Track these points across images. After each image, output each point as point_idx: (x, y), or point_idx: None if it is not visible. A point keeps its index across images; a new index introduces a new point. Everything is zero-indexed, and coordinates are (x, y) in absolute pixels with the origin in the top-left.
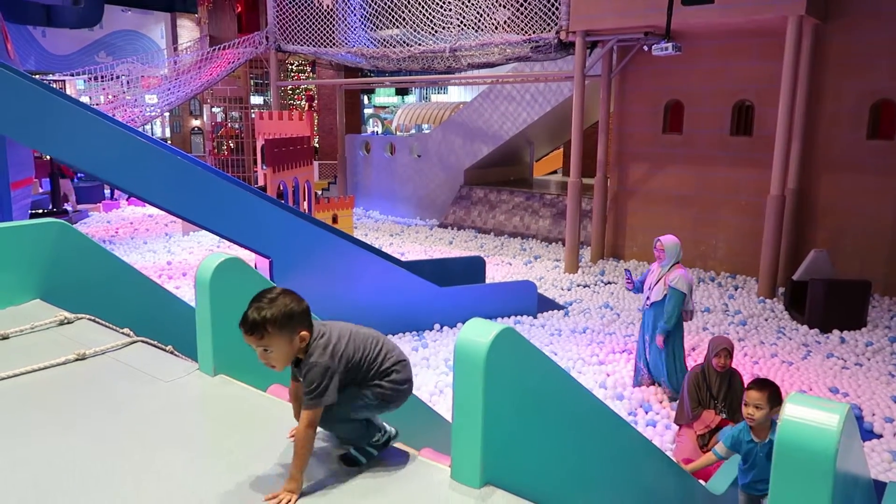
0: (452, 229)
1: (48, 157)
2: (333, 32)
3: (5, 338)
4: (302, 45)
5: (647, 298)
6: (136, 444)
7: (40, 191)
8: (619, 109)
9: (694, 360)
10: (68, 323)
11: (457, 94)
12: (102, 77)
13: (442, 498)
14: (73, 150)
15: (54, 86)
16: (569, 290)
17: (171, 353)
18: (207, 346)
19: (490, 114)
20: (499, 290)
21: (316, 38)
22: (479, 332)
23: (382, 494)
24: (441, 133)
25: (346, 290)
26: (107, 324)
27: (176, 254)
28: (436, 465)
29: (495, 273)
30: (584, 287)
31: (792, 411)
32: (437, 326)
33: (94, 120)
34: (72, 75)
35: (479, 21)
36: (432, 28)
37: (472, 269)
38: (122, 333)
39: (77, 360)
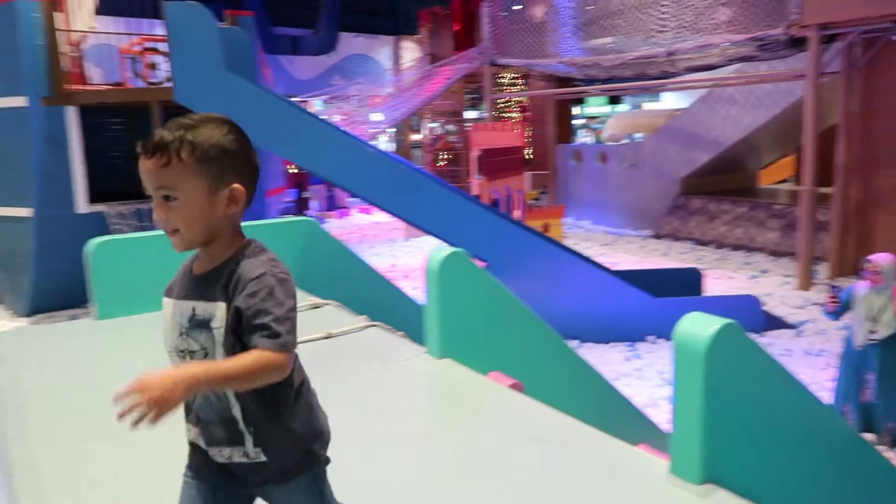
0: (667, 240)
1: (295, 170)
2: (545, 44)
3: None
4: (514, 58)
5: (872, 333)
6: (368, 412)
7: (285, 201)
8: (864, 108)
9: None
10: (318, 308)
11: (672, 100)
12: (337, 97)
13: (660, 491)
14: (319, 161)
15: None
16: (801, 308)
17: (403, 337)
18: (435, 331)
19: (709, 119)
20: (718, 304)
21: (528, 50)
22: (700, 325)
23: (599, 484)
24: (655, 141)
25: (559, 296)
26: (348, 310)
27: (399, 257)
28: (653, 458)
29: (714, 287)
30: (820, 306)
31: None
32: (650, 338)
33: (336, 134)
34: (312, 97)
35: (697, 22)
36: (646, 33)
37: (687, 281)
38: (361, 319)
39: (325, 338)
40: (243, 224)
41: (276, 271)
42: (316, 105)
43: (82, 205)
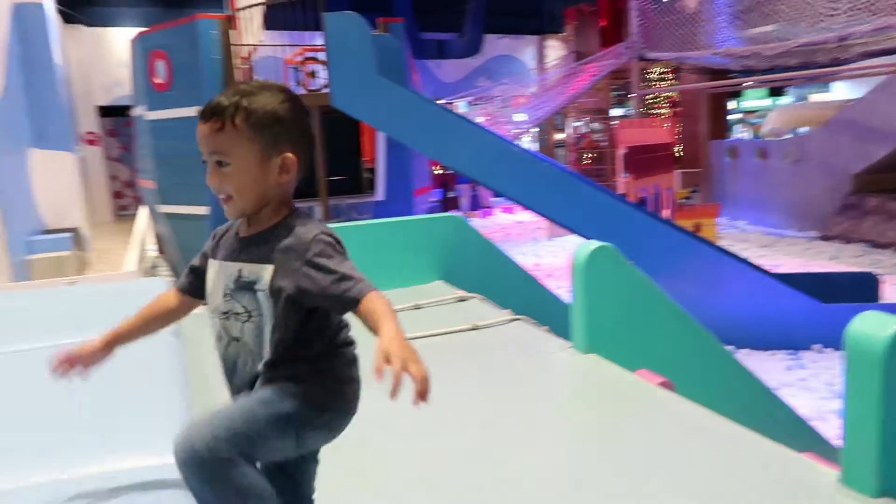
0: (837, 242)
1: (440, 171)
2: (698, 35)
3: (418, 307)
4: (665, 52)
5: None
6: (514, 401)
7: (430, 200)
8: None
9: None
10: (464, 300)
11: (843, 90)
12: (482, 99)
13: (830, 503)
14: (465, 161)
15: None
16: None
17: (547, 332)
18: (581, 326)
19: (889, 109)
20: None
21: (679, 42)
22: (877, 324)
23: (761, 488)
24: (824, 134)
25: (712, 298)
26: (493, 303)
27: (542, 256)
28: (822, 467)
29: (893, 294)
30: None
31: None
32: (816, 347)
33: (481, 134)
34: (457, 99)
35: (875, 1)
36: (814, 17)
37: (860, 287)
38: (506, 312)
39: (471, 329)
40: (392, 220)
41: (328, 230)
42: (460, 107)
43: None
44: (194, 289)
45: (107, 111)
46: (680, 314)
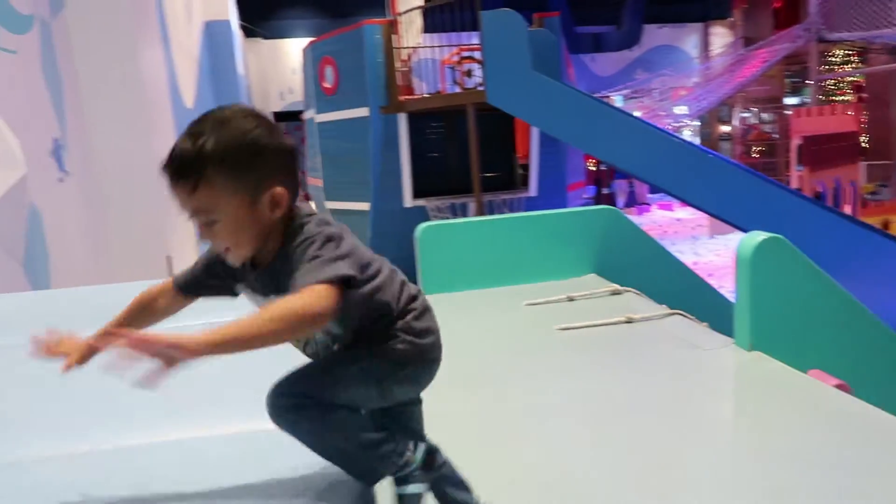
0: None
1: (594, 167)
2: (891, 11)
3: (572, 300)
4: (850, 31)
5: None
6: (674, 397)
7: (584, 196)
8: None
9: None
10: (618, 294)
11: None
12: (639, 92)
13: None
14: (623, 155)
15: None
16: None
17: (707, 328)
18: (745, 321)
19: None
20: None
21: (868, 20)
22: None
23: None
24: None
25: None
26: (648, 298)
27: (702, 255)
28: None
29: None
30: None
31: None
32: None
33: (641, 127)
34: (613, 93)
35: None
36: None
37: None
38: (662, 307)
39: (626, 322)
40: (546, 212)
41: (315, 230)
42: (616, 101)
43: (408, 200)
44: (192, 290)
45: (280, 116)
46: (860, 311)
